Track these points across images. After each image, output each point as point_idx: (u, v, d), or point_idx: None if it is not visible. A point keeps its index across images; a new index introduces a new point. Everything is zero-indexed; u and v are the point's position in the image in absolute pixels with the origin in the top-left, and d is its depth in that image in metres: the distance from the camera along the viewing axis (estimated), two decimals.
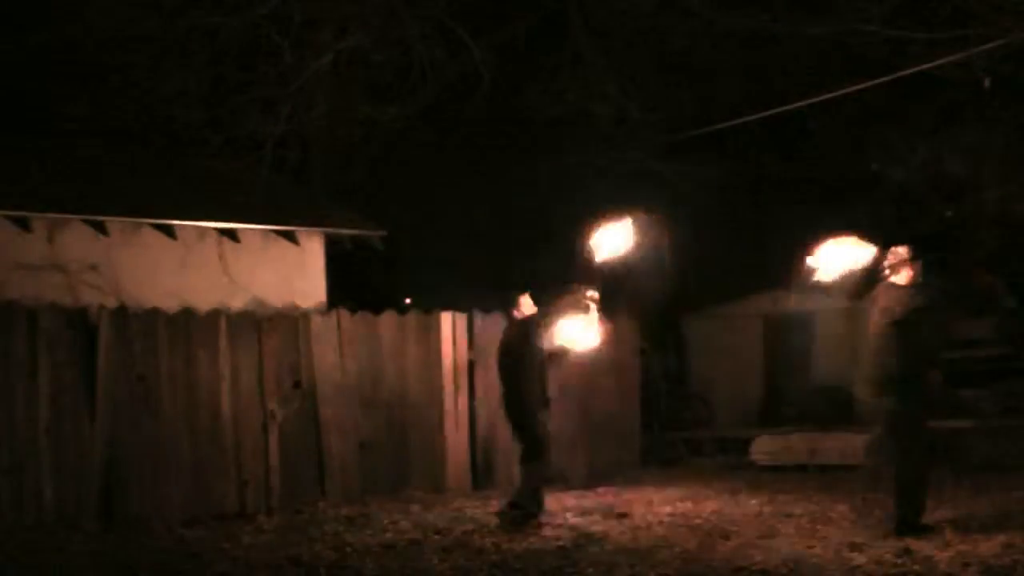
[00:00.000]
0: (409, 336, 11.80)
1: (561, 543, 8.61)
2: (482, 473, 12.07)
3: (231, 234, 12.50)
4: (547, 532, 9.15)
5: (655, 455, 13.79)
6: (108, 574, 8.04)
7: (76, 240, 11.64)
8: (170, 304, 10.62)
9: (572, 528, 9.31)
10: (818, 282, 8.36)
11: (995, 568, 7.22)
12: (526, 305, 9.82)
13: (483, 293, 12.25)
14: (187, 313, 10.52)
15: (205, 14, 15.30)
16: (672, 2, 14.87)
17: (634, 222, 9.43)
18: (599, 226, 9.41)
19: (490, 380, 12.24)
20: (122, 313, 10.28)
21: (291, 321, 11.13)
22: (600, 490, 11.62)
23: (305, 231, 13.14)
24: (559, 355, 9.93)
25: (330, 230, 13.40)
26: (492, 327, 12.33)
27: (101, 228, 11.73)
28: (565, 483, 12.14)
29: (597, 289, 9.59)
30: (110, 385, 9.86)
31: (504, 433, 12.21)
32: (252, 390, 10.66)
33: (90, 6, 15.23)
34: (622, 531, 9.13)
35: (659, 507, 10.37)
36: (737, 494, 10.82)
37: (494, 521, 9.55)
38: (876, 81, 12.72)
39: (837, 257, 8.45)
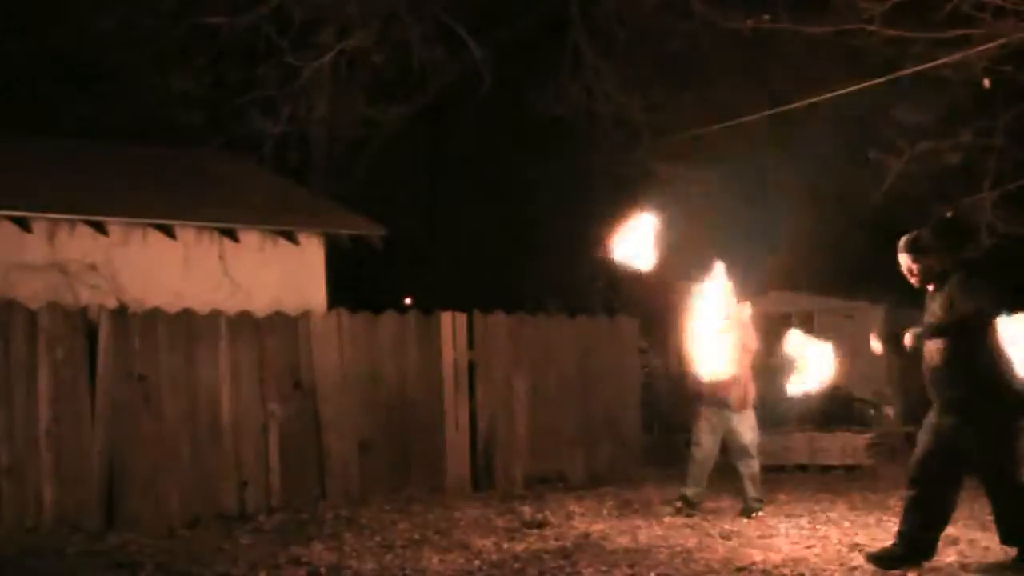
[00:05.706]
0: (409, 336, 11.78)
1: (561, 543, 8.61)
2: (482, 473, 12.05)
3: (231, 234, 12.50)
4: (547, 532, 9.15)
5: (655, 455, 13.78)
6: (108, 574, 8.04)
7: (76, 240, 11.64)
8: (170, 304, 10.61)
9: (572, 528, 9.32)
10: None
11: (995, 568, 7.23)
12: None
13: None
14: (187, 313, 10.51)
15: (205, 14, 15.33)
16: (672, 2, 14.88)
17: (648, 222, 9.37)
18: (617, 227, 9.32)
19: (490, 380, 12.26)
20: (122, 313, 10.27)
21: (291, 321, 11.12)
22: (600, 490, 11.62)
23: (305, 231, 13.14)
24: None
25: (330, 230, 13.40)
26: (493, 327, 12.34)
27: (101, 228, 11.73)
28: (565, 483, 12.16)
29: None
30: (110, 385, 9.84)
31: (504, 433, 12.25)
32: (252, 390, 10.65)
33: (91, 6, 15.28)
34: (622, 531, 9.13)
35: (659, 507, 10.38)
36: (737, 494, 10.81)
37: (494, 521, 9.58)
38: (876, 81, 12.72)
39: None
